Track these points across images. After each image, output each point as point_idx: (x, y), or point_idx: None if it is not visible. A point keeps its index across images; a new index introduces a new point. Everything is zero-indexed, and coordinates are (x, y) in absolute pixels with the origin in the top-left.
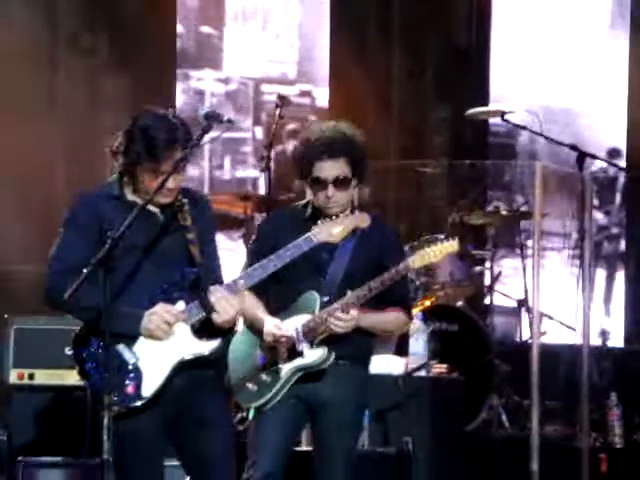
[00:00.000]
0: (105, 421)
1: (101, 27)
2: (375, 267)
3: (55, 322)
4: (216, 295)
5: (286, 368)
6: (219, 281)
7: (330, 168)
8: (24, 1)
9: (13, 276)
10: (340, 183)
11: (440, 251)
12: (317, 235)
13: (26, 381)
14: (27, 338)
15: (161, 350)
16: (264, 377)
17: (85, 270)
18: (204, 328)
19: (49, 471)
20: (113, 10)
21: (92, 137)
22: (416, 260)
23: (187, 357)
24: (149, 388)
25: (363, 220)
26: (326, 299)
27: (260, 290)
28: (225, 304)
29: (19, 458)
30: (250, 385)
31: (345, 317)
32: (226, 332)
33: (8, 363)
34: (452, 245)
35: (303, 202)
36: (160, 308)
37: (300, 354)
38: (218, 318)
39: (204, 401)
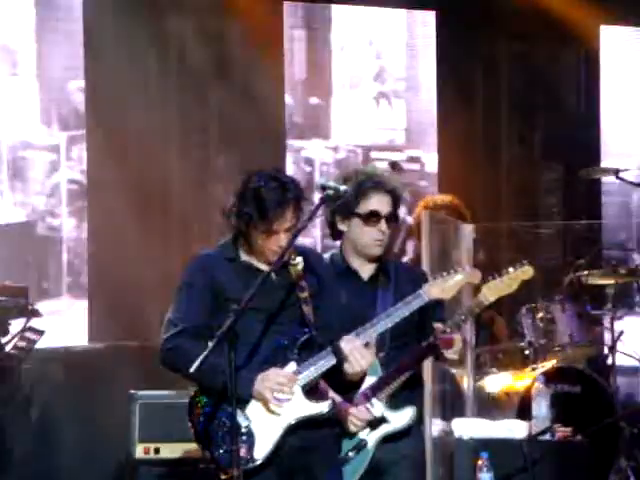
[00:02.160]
0: None
1: (210, 103)
2: (416, 313)
3: (179, 396)
4: (349, 345)
5: (372, 439)
6: (335, 337)
7: (385, 202)
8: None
9: (137, 351)
10: (390, 219)
11: (513, 279)
12: (428, 292)
13: (152, 455)
14: (152, 412)
15: (272, 412)
16: (351, 454)
17: (210, 343)
18: (314, 389)
19: None
20: (222, 86)
21: (204, 211)
22: (487, 294)
23: (297, 419)
24: (261, 451)
25: (475, 276)
26: (382, 355)
27: None
28: (357, 354)
29: None
30: None
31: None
32: (354, 385)
33: (134, 438)
34: (525, 271)
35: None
36: (273, 371)
37: (383, 420)
38: (350, 368)
39: (314, 464)
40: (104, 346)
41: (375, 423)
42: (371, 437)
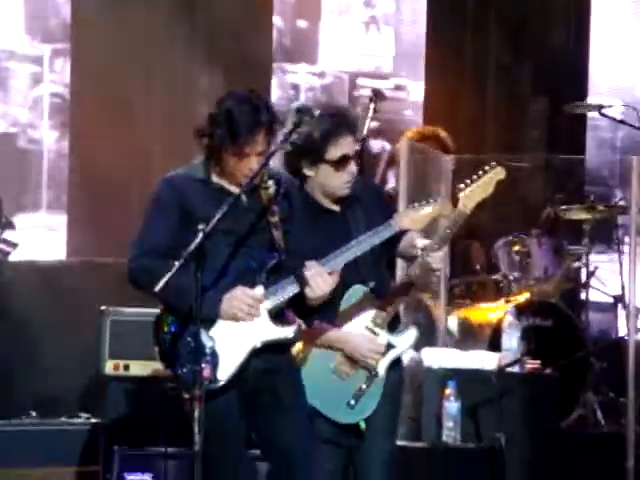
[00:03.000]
0: (196, 413)
1: (198, 22)
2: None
3: (150, 314)
4: (311, 270)
5: (382, 367)
6: (302, 263)
7: (352, 142)
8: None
9: (109, 268)
10: (357, 157)
11: (488, 182)
12: (399, 222)
13: (121, 372)
14: (123, 329)
15: (238, 334)
16: (363, 386)
17: (177, 262)
18: (281, 314)
19: (144, 461)
20: (211, 4)
21: (188, 131)
22: (466, 203)
23: (264, 342)
24: (225, 372)
25: (447, 208)
26: (372, 284)
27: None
28: (320, 280)
29: (114, 448)
30: (352, 402)
31: (440, 254)
32: (312, 312)
33: (104, 354)
34: (498, 172)
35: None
36: (240, 292)
37: (390, 346)
38: (311, 292)
39: (279, 385)
40: (79, 261)
41: (382, 351)
42: (381, 365)
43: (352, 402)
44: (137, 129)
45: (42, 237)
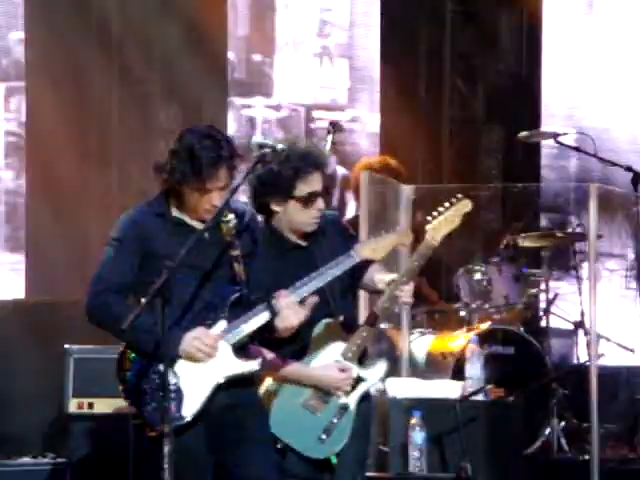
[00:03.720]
0: (165, 449)
1: (153, 57)
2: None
3: (113, 351)
4: (283, 300)
5: (353, 400)
6: (265, 297)
7: (320, 180)
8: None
9: (71, 307)
10: (324, 194)
11: (455, 214)
12: (359, 252)
13: (86, 410)
14: (86, 368)
15: (201, 370)
16: (335, 420)
17: (143, 300)
18: (245, 348)
19: None
20: (164, 39)
21: (145, 166)
22: (434, 235)
23: (227, 377)
24: (190, 408)
25: (407, 237)
26: (341, 318)
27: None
28: (290, 311)
29: None
30: (323, 437)
31: (410, 287)
32: (280, 344)
33: (68, 392)
34: (465, 204)
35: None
36: (200, 332)
37: (360, 379)
38: (280, 323)
39: (244, 420)
40: (40, 300)
41: (353, 384)
42: (351, 399)
43: (323, 436)
44: (94, 166)
45: (1, 276)
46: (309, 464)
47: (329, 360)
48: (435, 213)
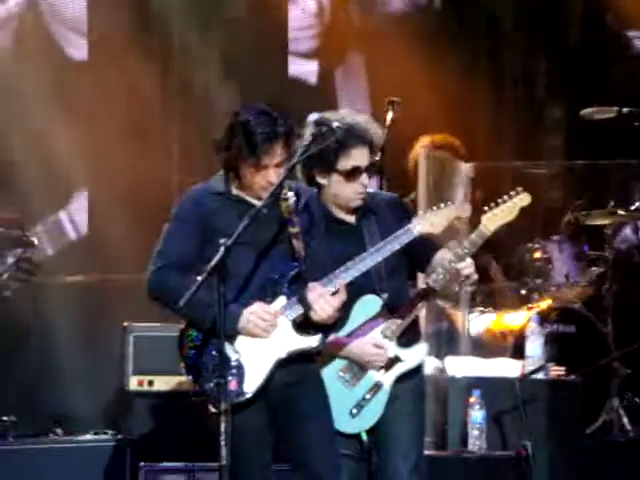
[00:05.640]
0: (222, 426)
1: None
2: (406, 245)
3: (172, 329)
4: (313, 293)
5: (388, 380)
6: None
7: (365, 155)
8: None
9: (131, 285)
10: (370, 170)
11: (512, 207)
12: (417, 226)
13: (146, 387)
14: (146, 345)
15: (262, 346)
16: (368, 397)
17: (199, 277)
18: (306, 323)
19: (170, 476)
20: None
21: (207, 146)
22: (488, 224)
23: (288, 353)
24: (251, 384)
25: (465, 210)
26: (385, 296)
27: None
28: (323, 302)
29: (141, 464)
30: (354, 411)
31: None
32: (329, 327)
33: (128, 370)
34: (523, 198)
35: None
36: (258, 307)
37: (397, 359)
38: (315, 316)
39: (303, 396)
40: (101, 278)
41: (389, 363)
42: (386, 378)
43: (354, 411)
44: (156, 147)
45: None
46: (339, 437)
47: (367, 337)
48: (493, 204)
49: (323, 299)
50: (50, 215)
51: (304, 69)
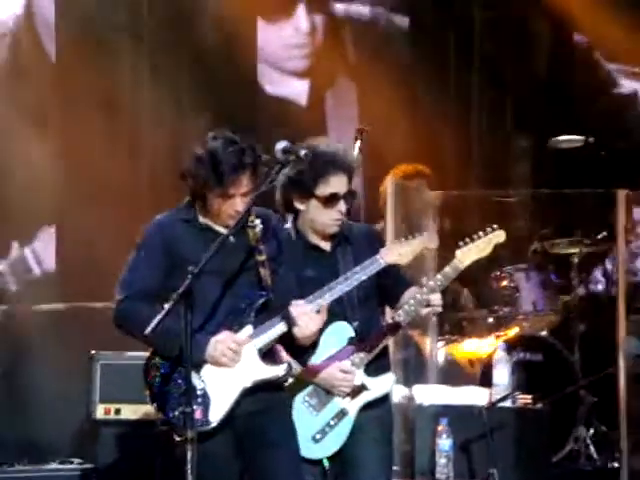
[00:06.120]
0: (189, 455)
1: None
2: (377, 275)
3: (140, 358)
4: (298, 309)
5: (353, 408)
6: (282, 307)
7: (343, 182)
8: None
9: (99, 313)
10: (347, 197)
11: (487, 243)
12: (385, 256)
13: (112, 416)
14: (113, 374)
15: (228, 375)
16: (332, 423)
17: (166, 305)
18: (272, 353)
19: None
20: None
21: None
22: (462, 259)
23: (253, 382)
24: (217, 413)
25: (432, 241)
26: (356, 324)
27: None
28: (307, 319)
29: None
30: (318, 437)
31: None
32: (302, 351)
33: (95, 398)
34: (498, 235)
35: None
36: (227, 336)
37: (363, 387)
38: (299, 332)
39: (269, 424)
40: (67, 307)
41: (356, 391)
42: (352, 405)
43: (318, 436)
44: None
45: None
46: (302, 463)
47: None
48: (467, 239)
49: (307, 316)
50: (14, 251)
51: (294, 88)
